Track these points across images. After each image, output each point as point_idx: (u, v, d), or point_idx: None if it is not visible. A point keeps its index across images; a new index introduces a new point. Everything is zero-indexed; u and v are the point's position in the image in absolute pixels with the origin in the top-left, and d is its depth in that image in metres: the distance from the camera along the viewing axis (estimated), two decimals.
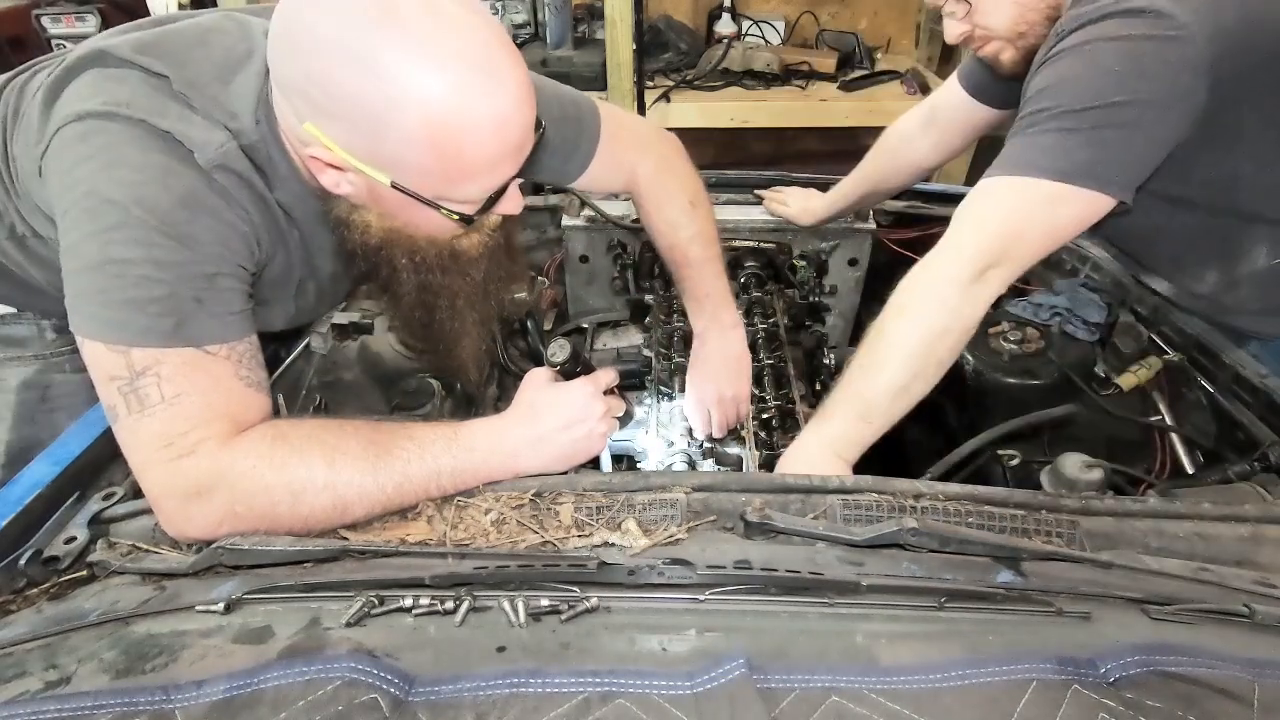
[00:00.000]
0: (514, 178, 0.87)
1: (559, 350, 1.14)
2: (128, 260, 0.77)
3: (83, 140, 0.79)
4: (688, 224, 1.26)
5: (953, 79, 1.50)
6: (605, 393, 0.97)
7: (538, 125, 0.86)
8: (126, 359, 0.77)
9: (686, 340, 1.48)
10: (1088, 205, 0.98)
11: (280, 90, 0.82)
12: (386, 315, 1.09)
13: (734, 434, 1.31)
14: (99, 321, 0.78)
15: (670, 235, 1.27)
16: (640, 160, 1.25)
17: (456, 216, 0.86)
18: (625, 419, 1.14)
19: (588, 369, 1.00)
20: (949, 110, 1.51)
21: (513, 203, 0.91)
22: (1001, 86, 1.38)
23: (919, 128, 1.57)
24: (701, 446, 1.31)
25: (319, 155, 0.81)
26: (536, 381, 0.97)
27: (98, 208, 0.78)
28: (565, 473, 1.29)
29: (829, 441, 1.03)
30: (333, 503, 0.80)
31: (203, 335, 0.80)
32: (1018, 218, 1.00)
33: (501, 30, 0.80)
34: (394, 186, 0.80)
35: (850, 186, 1.65)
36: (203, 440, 0.78)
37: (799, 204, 1.72)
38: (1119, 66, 0.94)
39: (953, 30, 1.18)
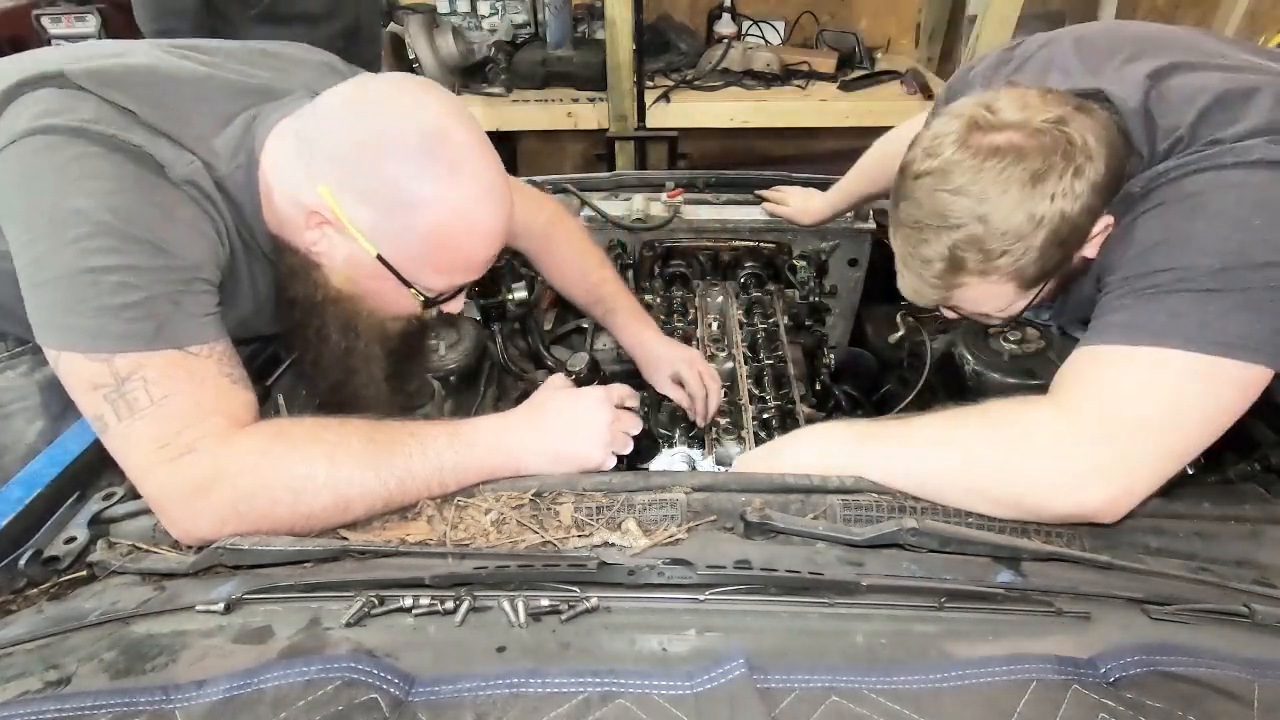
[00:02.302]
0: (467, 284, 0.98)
1: (578, 361, 1.16)
2: (104, 268, 0.76)
3: (49, 151, 0.78)
4: (590, 253, 1.42)
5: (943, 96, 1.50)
6: (620, 407, 0.97)
7: None
8: (110, 366, 0.77)
9: (687, 340, 1.48)
10: (1251, 380, 0.82)
11: (307, 148, 0.87)
12: (301, 367, 1.10)
13: (732, 431, 1.31)
14: (77, 332, 0.77)
15: (579, 265, 1.40)
16: (536, 213, 1.38)
17: (423, 298, 0.93)
18: (647, 450, 1.16)
19: (605, 384, 1.01)
20: None
21: (456, 303, 1.01)
22: None
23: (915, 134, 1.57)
24: (702, 437, 1.31)
25: (319, 211, 0.86)
26: (551, 385, 0.99)
27: (67, 218, 0.77)
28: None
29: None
30: (334, 500, 0.80)
31: (184, 337, 0.80)
32: (1165, 396, 0.81)
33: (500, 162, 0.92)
34: (379, 259, 0.88)
35: (850, 186, 1.65)
36: (200, 438, 0.78)
37: (798, 204, 1.72)
38: (1259, 220, 0.80)
39: (912, 293, 1.02)
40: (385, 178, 0.84)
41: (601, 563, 0.72)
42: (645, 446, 1.17)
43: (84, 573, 0.81)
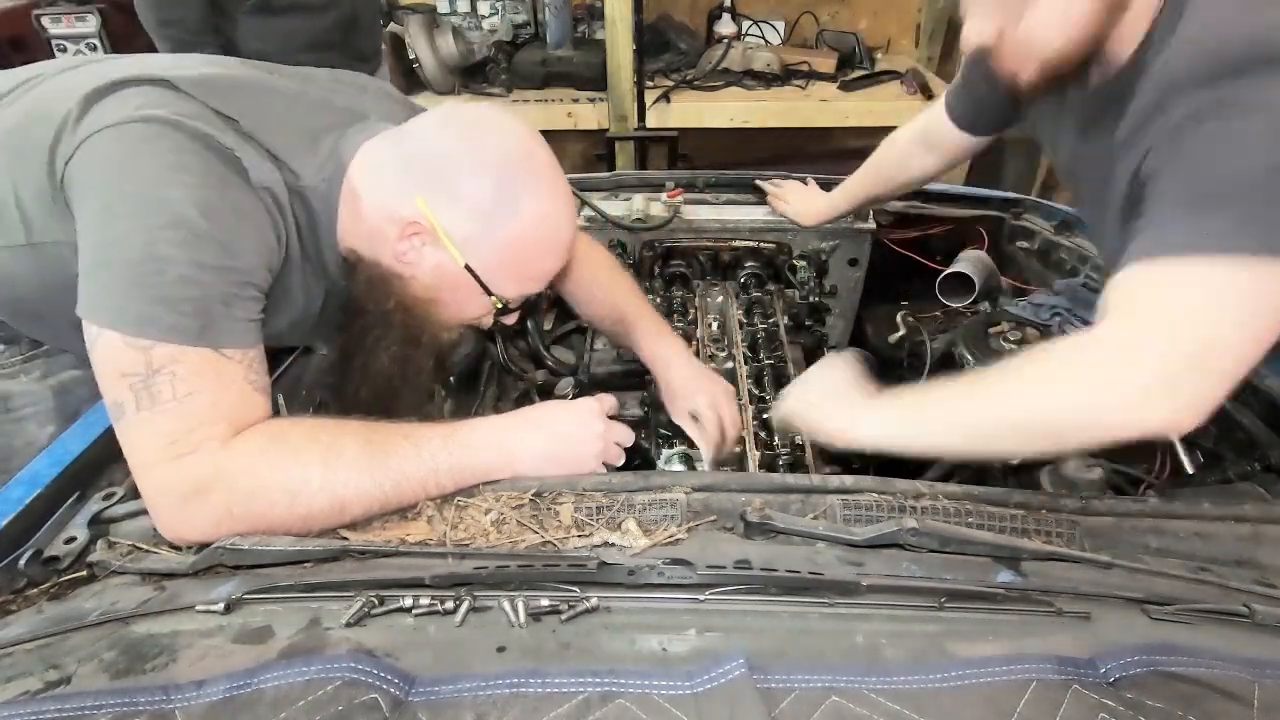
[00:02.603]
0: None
1: (565, 387, 1.21)
2: (171, 259, 0.79)
3: (148, 140, 0.81)
4: (614, 271, 1.37)
5: (939, 107, 1.46)
6: (612, 418, 0.99)
7: None
8: (146, 355, 0.78)
9: (687, 339, 1.48)
10: None
11: (403, 164, 0.94)
12: (342, 374, 1.11)
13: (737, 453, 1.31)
14: (127, 315, 0.78)
15: (607, 294, 1.34)
16: None
17: (500, 304, 1.01)
18: (634, 459, 1.15)
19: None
20: (940, 136, 1.48)
21: (515, 314, 1.08)
22: (994, 114, 1.37)
23: (916, 147, 1.54)
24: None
25: (416, 220, 0.92)
26: (544, 403, 1.03)
27: (152, 203, 0.79)
28: None
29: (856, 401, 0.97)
30: (330, 502, 0.80)
31: (223, 339, 0.82)
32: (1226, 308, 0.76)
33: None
34: (467, 268, 0.95)
35: (854, 188, 1.64)
36: (206, 439, 0.79)
37: (800, 203, 1.72)
38: None
39: (976, 30, 0.93)
40: (480, 191, 0.92)
41: (601, 563, 0.72)
42: (636, 465, 1.15)
43: (84, 573, 0.81)
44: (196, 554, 0.77)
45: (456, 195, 0.92)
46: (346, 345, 1.07)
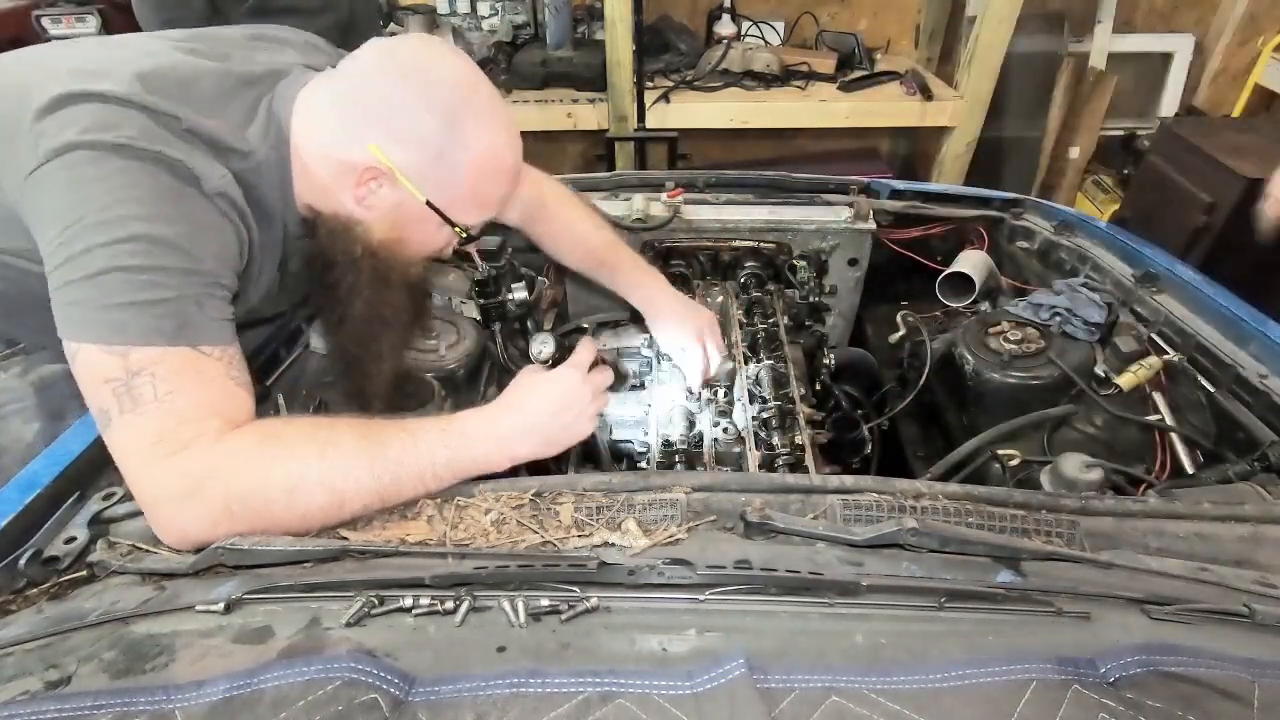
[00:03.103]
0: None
1: (544, 347, 1.20)
2: (136, 267, 0.80)
3: (94, 164, 0.82)
4: (586, 217, 1.41)
5: None
6: (591, 367, 1.03)
7: None
8: (124, 360, 0.79)
9: None
10: None
11: (347, 112, 0.95)
12: (326, 329, 1.16)
13: (733, 432, 1.31)
14: (100, 325, 0.79)
15: (576, 231, 1.39)
16: (533, 183, 1.37)
17: (463, 233, 1.04)
18: (619, 383, 1.25)
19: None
20: None
21: (475, 244, 1.12)
22: None
23: None
24: (702, 398, 1.35)
25: (372, 165, 0.94)
26: (527, 372, 1.02)
27: (109, 222, 0.80)
28: (564, 472, 1.31)
29: None
30: (329, 498, 0.80)
31: (200, 337, 0.83)
32: None
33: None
34: (428, 204, 0.97)
35: None
36: (196, 436, 0.79)
37: None
38: None
39: None
40: (432, 127, 0.93)
41: (601, 563, 0.72)
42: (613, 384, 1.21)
43: (84, 573, 0.81)
44: (196, 554, 0.77)
45: (406, 135, 0.94)
46: (321, 300, 1.09)
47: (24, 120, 0.85)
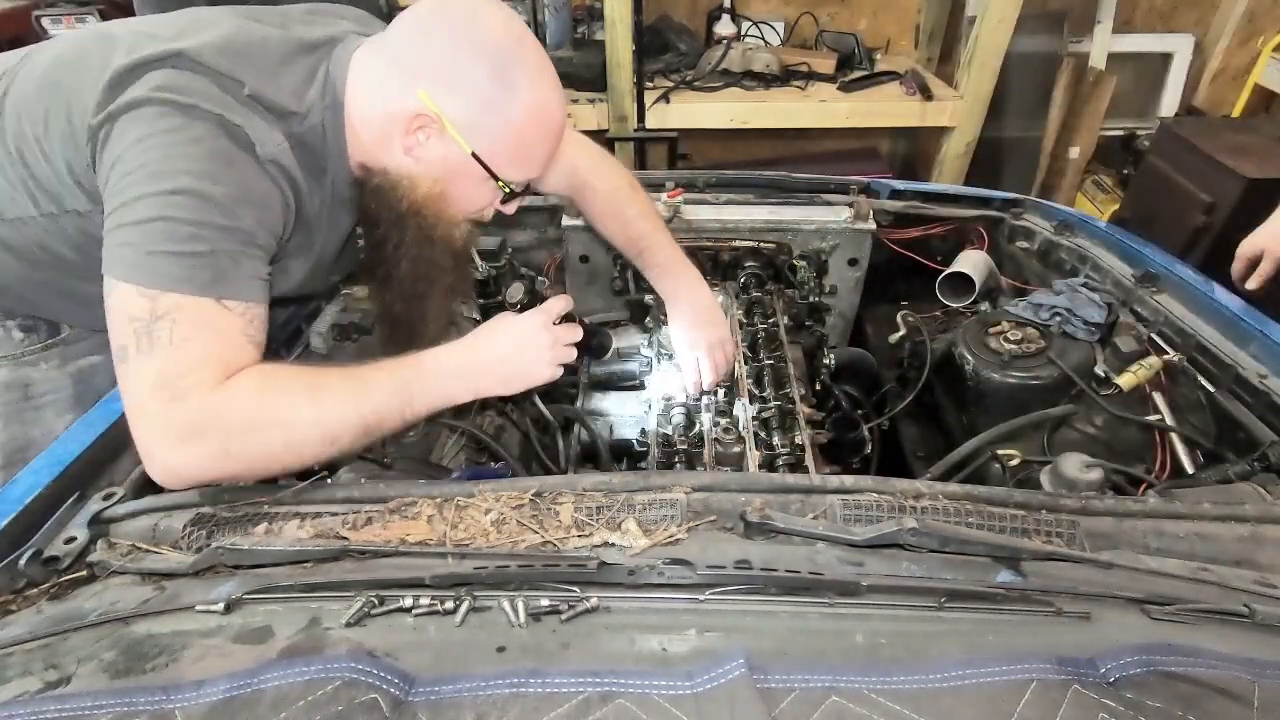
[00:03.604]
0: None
1: (515, 291, 1.26)
2: (181, 219, 0.86)
3: (161, 119, 0.88)
4: (632, 202, 1.40)
5: None
6: (561, 321, 1.10)
7: None
8: (152, 304, 0.84)
9: None
10: None
11: (397, 65, 0.99)
12: (373, 290, 1.21)
13: (732, 432, 1.31)
14: (140, 267, 0.85)
15: (620, 215, 1.40)
16: (578, 154, 1.38)
17: (506, 189, 1.06)
18: (599, 350, 1.29)
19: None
20: None
21: (515, 203, 1.13)
22: None
23: None
24: (700, 399, 1.37)
25: (422, 113, 0.97)
26: (498, 317, 1.09)
27: (165, 173, 0.86)
28: (564, 472, 1.31)
29: None
30: (322, 434, 0.88)
31: (228, 291, 0.89)
32: None
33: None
34: (474, 155, 1.01)
35: None
36: (198, 384, 0.84)
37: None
38: None
39: None
40: (481, 77, 0.97)
41: (601, 563, 0.72)
42: (596, 345, 1.29)
43: (84, 573, 0.81)
44: (196, 554, 0.77)
45: (457, 85, 0.97)
46: (368, 259, 1.14)
47: (99, 83, 0.91)
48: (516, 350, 1.04)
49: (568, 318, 1.13)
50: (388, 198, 1.05)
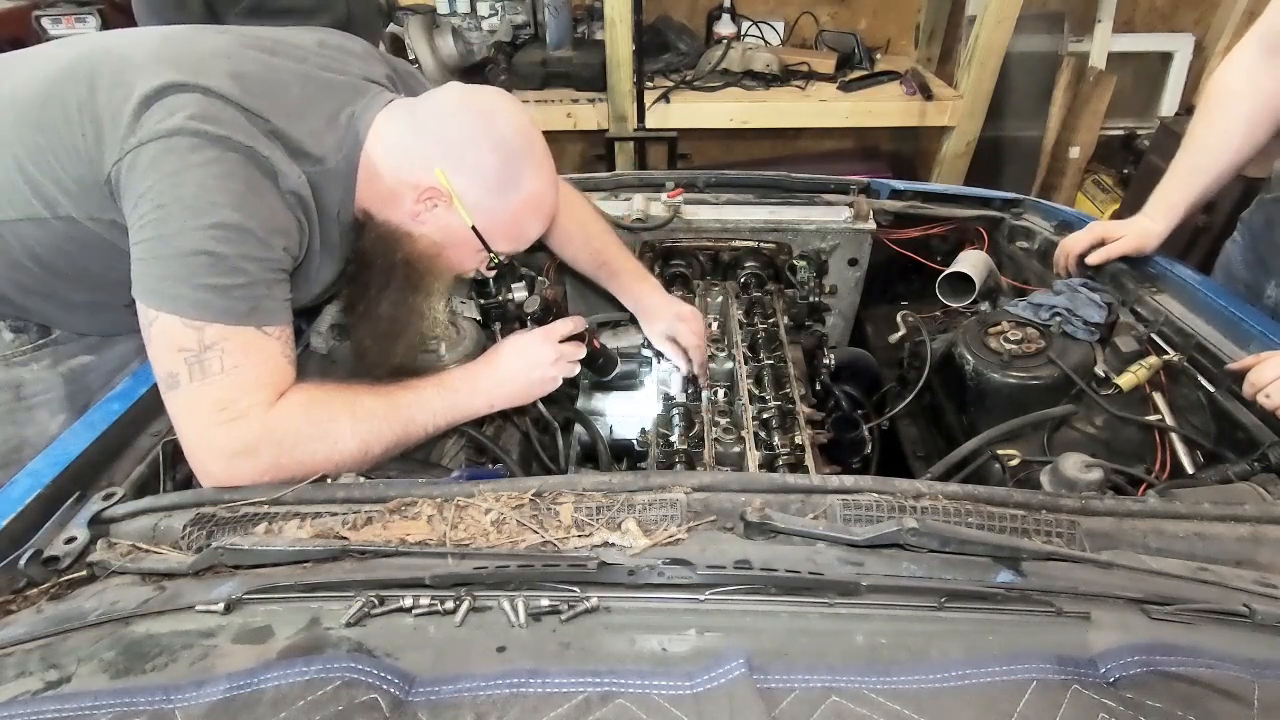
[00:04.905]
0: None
1: (531, 303, 1.34)
2: (220, 253, 0.91)
3: (194, 151, 0.92)
4: (594, 221, 1.51)
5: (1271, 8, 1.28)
6: (568, 340, 1.21)
7: None
8: (200, 334, 0.90)
9: None
10: None
11: (422, 139, 1.08)
12: (350, 323, 1.29)
13: (733, 431, 1.31)
14: (183, 301, 0.90)
15: (583, 233, 1.49)
16: None
17: (495, 260, 1.18)
18: (608, 366, 1.38)
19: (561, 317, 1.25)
20: None
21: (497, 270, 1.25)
22: None
23: (1259, 60, 1.31)
24: (693, 387, 1.42)
25: (435, 187, 1.07)
26: (511, 337, 1.21)
27: (202, 207, 0.91)
28: (564, 472, 1.31)
29: None
30: (359, 447, 0.98)
31: (266, 319, 0.96)
32: None
33: None
34: (473, 229, 1.11)
35: (1189, 179, 1.39)
36: (253, 405, 0.92)
37: (1136, 237, 1.46)
38: None
39: None
40: (494, 166, 1.08)
41: (601, 563, 0.72)
42: (602, 365, 1.39)
43: (84, 573, 0.81)
44: (196, 554, 0.77)
45: (471, 168, 1.07)
46: (351, 294, 1.21)
47: (123, 105, 0.94)
48: (525, 368, 1.17)
49: (578, 336, 1.24)
50: (386, 246, 1.13)
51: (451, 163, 1.07)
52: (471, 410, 1.12)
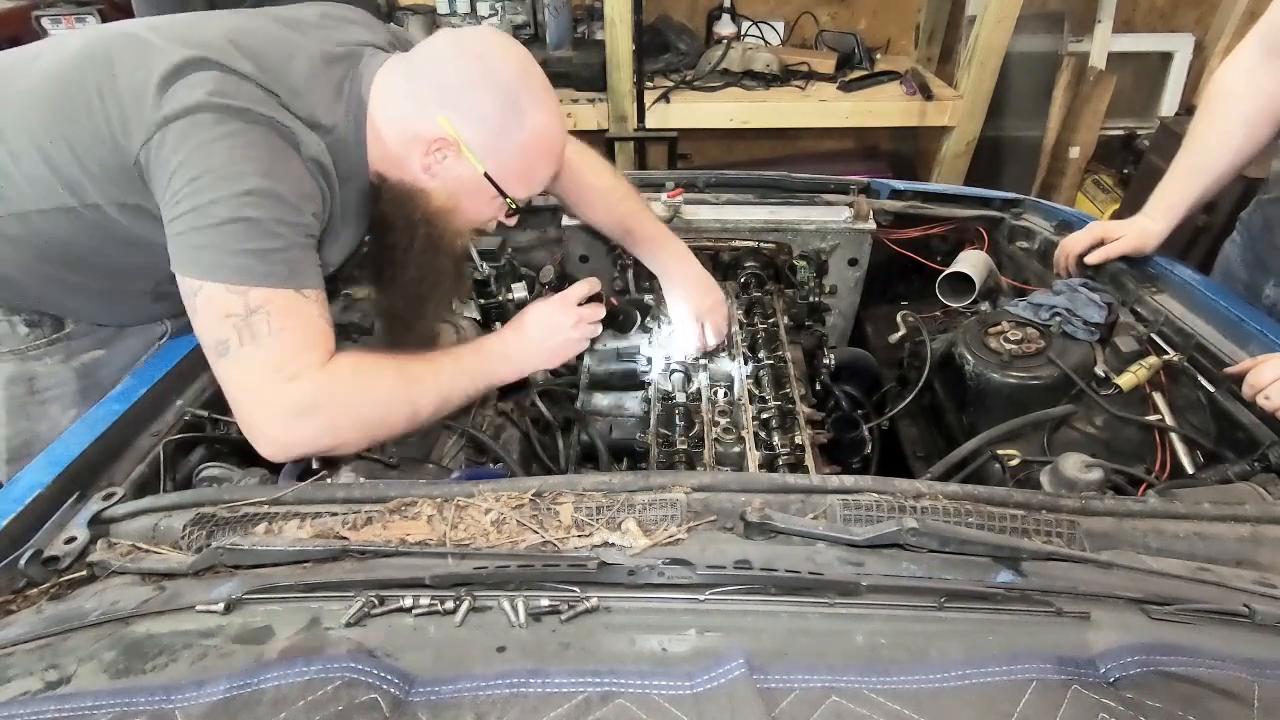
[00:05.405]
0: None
1: (547, 273, 1.42)
2: (255, 219, 0.92)
3: (218, 124, 0.94)
4: (616, 184, 1.49)
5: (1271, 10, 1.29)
6: (587, 301, 1.25)
7: None
8: (245, 299, 0.92)
9: None
10: None
11: (419, 90, 1.07)
12: (377, 289, 1.30)
13: (733, 431, 1.31)
14: (226, 267, 0.92)
15: (606, 198, 1.47)
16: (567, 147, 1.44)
17: (512, 205, 1.17)
18: (627, 324, 1.41)
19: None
20: None
21: (516, 216, 1.23)
22: None
23: (1260, 61, 1.32)
24: (698, 361, 1.45)
25: (442, 137, 1.07)
26: (533, 306, 1.25)
27: (234, 176, 0.92)
28: (564, 472, 1.31)
29: None
30: (409, 410, 1.02)
31: (304, 281, 0.98)
32: None
33: None
34: (486, 175, 1.10)
35: (1189, 179, 1.40)
36: (306, 367, 0.94)
37: (1136, 237, 1.46)
38: None
39: None
40: (495, 106, 1.07)
41: (601, 563, 0.72)
42: (622, 321, 1.42)
43: (84, 573, 0.81)
44: (196, 554, 0.77)
45: (473, 113, 1.07)
46: (377, 259, 1.22)
47: (145, 86, 0.95)
48: (548, 335, 1.20)
49: (595, 297, 1.27)
50: (403, 207, 1.13)
51: (452, 109, 1.06)
52: (504, 376, 1.17)
